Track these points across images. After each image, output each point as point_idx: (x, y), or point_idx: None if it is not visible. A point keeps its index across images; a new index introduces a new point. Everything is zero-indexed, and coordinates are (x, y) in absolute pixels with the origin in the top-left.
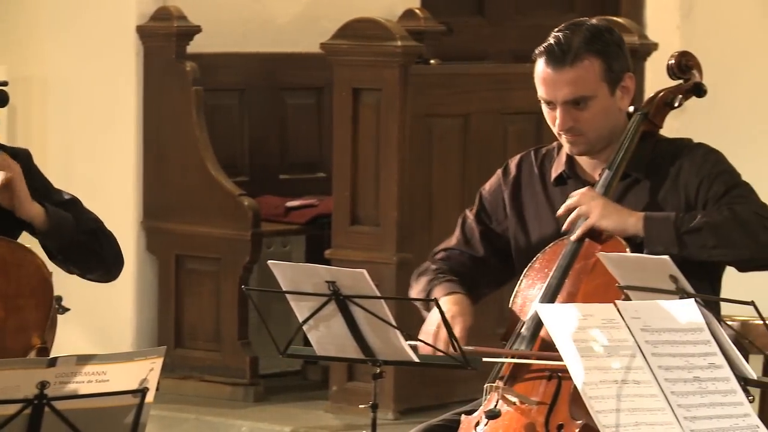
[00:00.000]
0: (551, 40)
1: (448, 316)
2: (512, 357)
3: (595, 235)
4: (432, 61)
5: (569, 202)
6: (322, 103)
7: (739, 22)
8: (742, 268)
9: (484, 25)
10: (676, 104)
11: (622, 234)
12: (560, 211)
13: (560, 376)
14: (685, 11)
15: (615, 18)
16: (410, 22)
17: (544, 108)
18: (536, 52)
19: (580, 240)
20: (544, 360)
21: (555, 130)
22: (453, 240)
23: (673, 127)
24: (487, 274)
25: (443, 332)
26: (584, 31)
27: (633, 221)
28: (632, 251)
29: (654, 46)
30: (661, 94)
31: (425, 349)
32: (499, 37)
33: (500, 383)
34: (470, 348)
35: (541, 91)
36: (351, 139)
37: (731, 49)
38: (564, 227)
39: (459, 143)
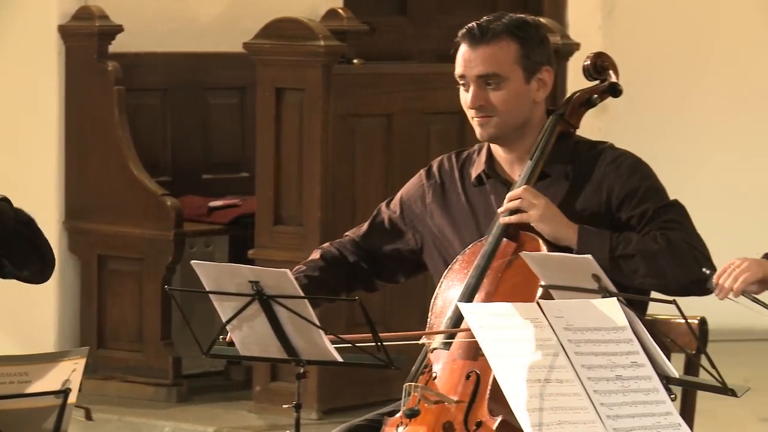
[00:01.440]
0: (475, 23)
1: None
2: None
3: (511, 233)
4: (355, 61)
5: (511, 193)
6: (245, 102)
7: (660, 22)
8: (669, 294)
9: (407, 25)
10: (592, 104)
11: (554, 241)
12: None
13: (478, 373)
14: (607, 11)
15: (537, 18)
16: (333, 22)
17: (461, 92)
18: (459, 35)
19: (499, 238)
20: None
21: (468, 114)
22: (362, 229)
23: (595, 126)
24: (379, 271)
25: None
26: (509, 18)
27: (569, 233)
28: (549, 250)
29: (576, 46)
30: (577, 94)
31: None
32: (422, 37)
33: (420, 382)
34: (389, 335)
35: (458, 70)
36: (274, 138)
37: (653, 49)
38: (500, 210)
39: (382, 143)
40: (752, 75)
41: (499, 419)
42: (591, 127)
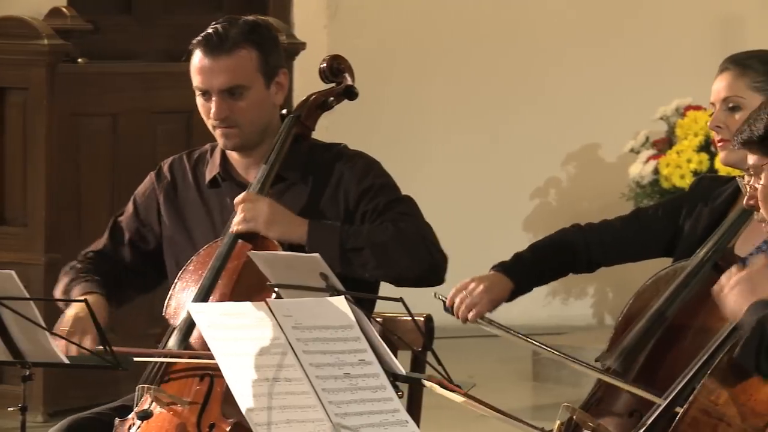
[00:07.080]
0: (209, 31)
1: (80, 315)
2: (165, 357)
3: (248, 235)
4: (80, 60)
5: (236, 199)
6: None
7: (385, 21)
8: (398, 285)
9: (132, 24)
10: (329, 107)
11: (287, 242)
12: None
13: (212, 375)
14: (332, 11)
15: (262, 17)
16: (57, 21)
17: (199, 100)
18: (193, 42)
19: (234, 240)
20: (196, 359)
21: (209, 123)
22: (101, 243)
23: (322, 125)
24: (133, 279)
25: (89, 330)
26: (242, 24)
27: (299, 231)
28: (286, 249)
29: (302, 46)
30: (314, 96)
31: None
32: (147, 36)
33: (153, 384)
34: (123, 349)
35: (197, 81)
36: None
37: (378, 48)
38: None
39: (108, 142)
40: (476, 76)
41: (232, 422)
42: (318, 125)
